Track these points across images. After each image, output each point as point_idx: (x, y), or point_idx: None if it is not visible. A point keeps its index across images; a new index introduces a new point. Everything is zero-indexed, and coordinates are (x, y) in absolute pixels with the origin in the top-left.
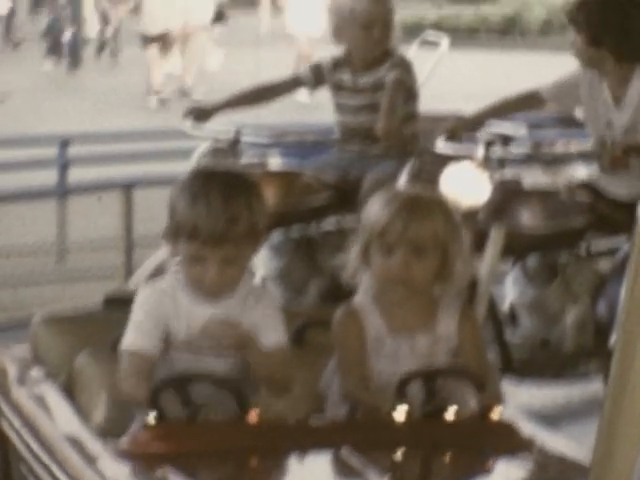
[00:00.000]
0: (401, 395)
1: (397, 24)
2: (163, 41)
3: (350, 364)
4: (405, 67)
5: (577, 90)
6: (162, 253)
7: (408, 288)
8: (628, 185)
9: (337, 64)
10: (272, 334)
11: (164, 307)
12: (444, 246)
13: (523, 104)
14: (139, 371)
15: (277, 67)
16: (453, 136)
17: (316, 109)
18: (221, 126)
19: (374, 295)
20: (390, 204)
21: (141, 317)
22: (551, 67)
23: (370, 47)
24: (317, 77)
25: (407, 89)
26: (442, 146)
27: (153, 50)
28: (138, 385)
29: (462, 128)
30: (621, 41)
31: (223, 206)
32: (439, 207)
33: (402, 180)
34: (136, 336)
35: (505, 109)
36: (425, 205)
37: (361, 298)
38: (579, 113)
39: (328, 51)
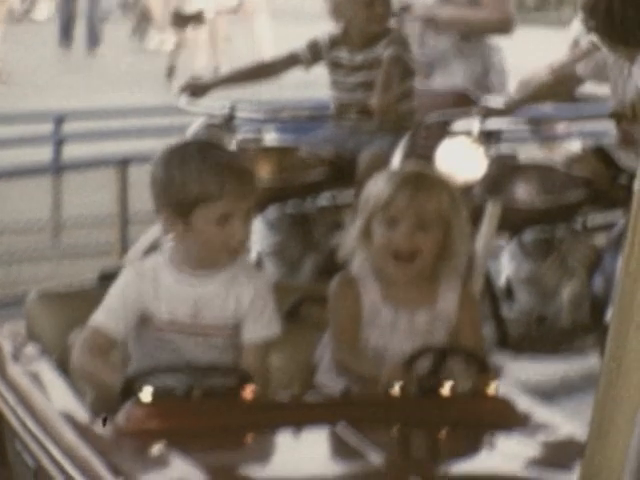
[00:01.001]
0: (409, 370)
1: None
2: (196, 20)
3: (343, 331)
4: (402, 43)
5: (606, 67)
6: (157, 229)
7: (411, 260)
8: (634, 157)
9: (334, 41)
10: (260, 326)
11: (142, 290)
12: (447, 222)
13: (561, 86)
14: (97, 348)
15: None
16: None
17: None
18: (216, 102)
19: (373, 269)
20: (394, 178)
21: (114, 298)
22: (549, 43)
23: (370, 24)
24: (314, 54)
25: (404, 65)
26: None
27: (195, 31)
28: (91, 361)
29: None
30: (608, 26)
31: (235, 161)
32: (443, 184)
33: (397, 155)
34: (103, 315)
35: (543, 94)
36: (430, 181)
37: (358, 269)
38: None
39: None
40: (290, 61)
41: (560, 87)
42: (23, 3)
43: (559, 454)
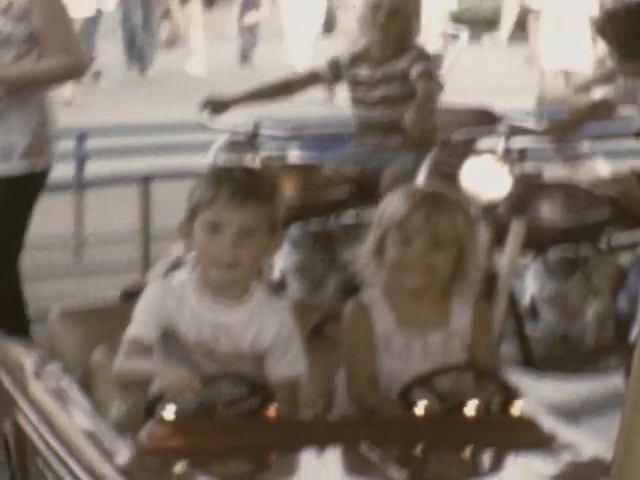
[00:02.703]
0: (406, 404)
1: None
2: None
3: (357, 363)
4: (429, 59)
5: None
6: (180, 247)
7: (424, 278)
8: None
9: (355, 59)
10: (286, 364)
11: (166, 304)
12: (462, 242)
13: (595, 113)
14: (134, 355)
15: None
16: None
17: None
18: (240, 119)
19: (385, 289)
20: (411, 197)
21: (141, 309)
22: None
23: (392, 36)
24: (335, 73)
25: (435, 80)
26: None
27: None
28: (132, 362)
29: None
30: None
31: (246, 177)
32: (458, 204)
33: (422, 172)
34: (135, 326)
35: (578, 121)
36: (446, 201)
37: (371, 292)
38: None
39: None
40: (311, 79)
41: (596, 113)
42: None
43: (584, 474)
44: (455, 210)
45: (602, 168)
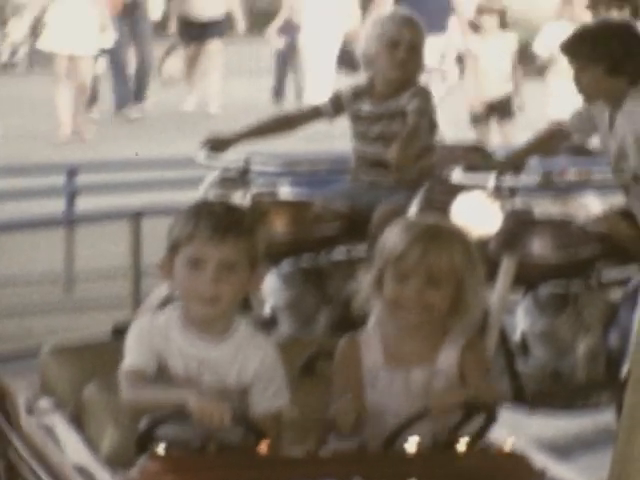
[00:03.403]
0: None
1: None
2: None
3: (343, 395)
4: (427, 96)
5: (594, 120)
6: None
7: (420, 316)
8: None
9: (357, 93)
10: (267, 398)
11: (154, 340)
12: (460, 278)
13: (550, 141)
14: (142, 384)
15: None
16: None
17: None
18: (231, 155)
19: (378, 323)
20: (409, 231)
21: (132, 343)
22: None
23: (393, 68)
24: (336, 107)
25: (428, 119)
26: (459, 176)
27: None
28: (139, 397)
29: (487, 166)
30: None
31: (225, 212)
32: (458, 239)
33: (412, 209)
34: (130, 358)
35: (536, 149)
36: (445, 235)
37: (369, 328)
38: (590, 142)
39: None
40: (312, 114)
41: (550, 142)
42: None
43: None
44: (452, 243)
45: (592, 204)
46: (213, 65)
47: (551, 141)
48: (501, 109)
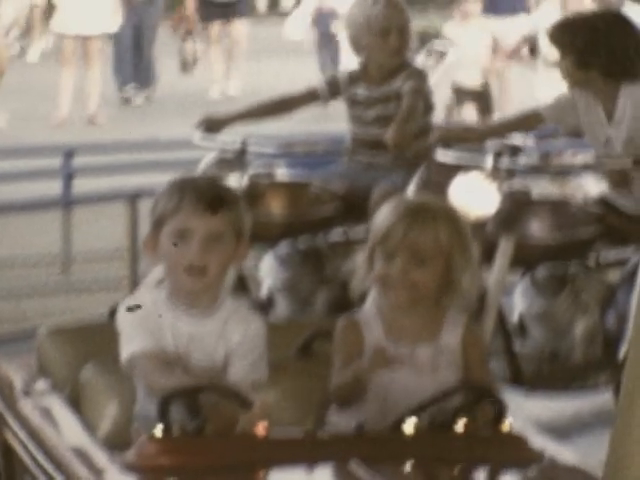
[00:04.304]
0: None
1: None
2: None
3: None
4: (421, 77)
5: (575, 109)
6: None
7: (408, 295)
8: (635, 199)
9: (353, 78)
10: (243, 368)
11: (149, 322)
12: (448, 256)
13: (523, 123)
14: (158, 365)
15: None
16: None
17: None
18: (228, 136)
19: (375, 303)
20: (395, 210)
21: (129, 329)
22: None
23: (386, 56)
24: (332, 90)
25: (424, 99)
26: (441, 154)
27: None
28: (166, 377)
29: (455, 138)
30: (609, 61)
31: (209, 185)
32: (446, 215)
33: (410, 190)
34: (136, 342)
35: (505, 128)
36: (430, 212)
37: (367, 308)
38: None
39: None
40: (308, 97)
41: (521, 125)
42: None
43: None
44: (437, 221)
45: (591, 184)
46: (236, 46)
47: (522, 124)
48: None
